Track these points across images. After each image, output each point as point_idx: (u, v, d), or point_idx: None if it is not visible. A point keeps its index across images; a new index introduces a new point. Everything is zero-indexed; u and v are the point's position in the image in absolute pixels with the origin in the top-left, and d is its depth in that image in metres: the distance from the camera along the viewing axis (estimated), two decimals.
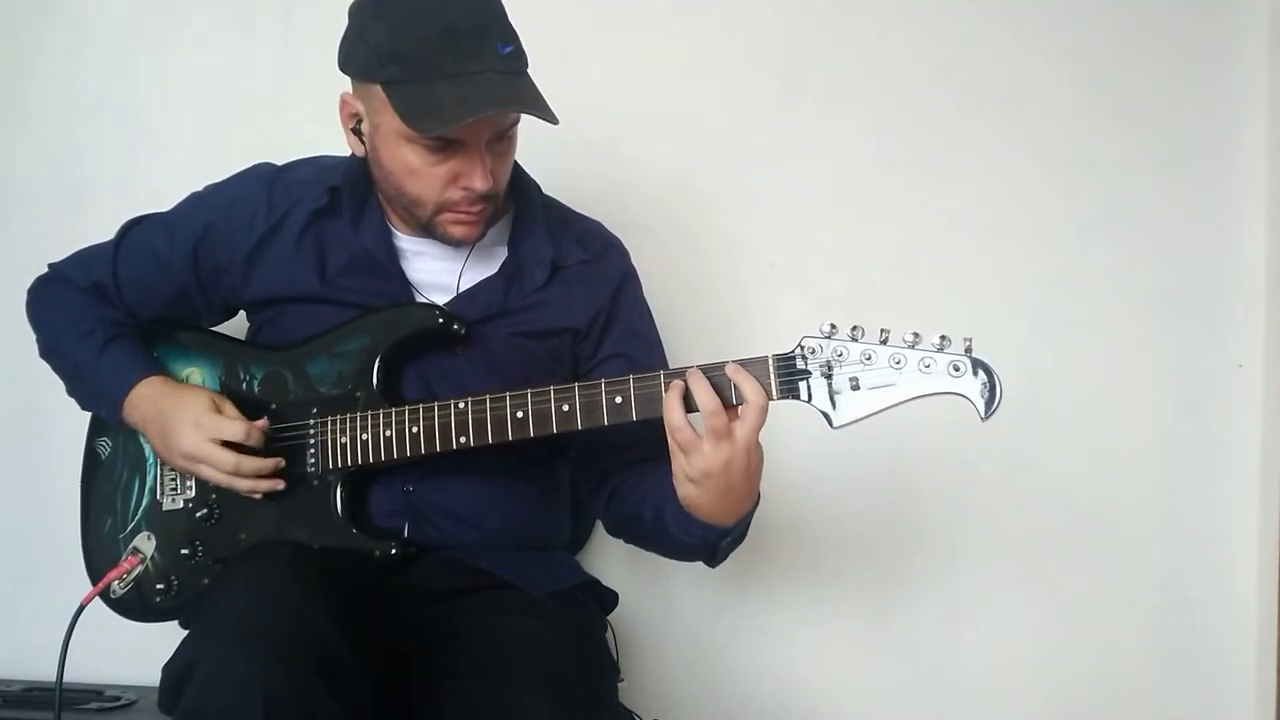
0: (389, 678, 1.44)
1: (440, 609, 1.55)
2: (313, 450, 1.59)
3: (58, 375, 1.73)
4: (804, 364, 1.38)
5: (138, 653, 1.67)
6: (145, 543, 1.64)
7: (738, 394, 1.38)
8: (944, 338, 1.35)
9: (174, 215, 1.71)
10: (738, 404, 1.38)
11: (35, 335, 1.74)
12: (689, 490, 1.41)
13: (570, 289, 1.65)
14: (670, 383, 1.41)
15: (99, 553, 1.70)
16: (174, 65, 2.16)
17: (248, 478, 1.57)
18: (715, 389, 1.38)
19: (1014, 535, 2.04)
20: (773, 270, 2.07)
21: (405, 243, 1.64)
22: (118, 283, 1.69)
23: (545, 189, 1.71)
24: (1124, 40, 2.04)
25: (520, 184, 1.67)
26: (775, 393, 1.39)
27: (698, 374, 1.40)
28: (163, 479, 1.67)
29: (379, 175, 1.57)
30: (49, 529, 1.97)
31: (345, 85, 1.57)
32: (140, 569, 1.63)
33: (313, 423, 1.59)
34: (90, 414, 1.74)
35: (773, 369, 1.39)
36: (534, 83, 1.49)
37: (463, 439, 1.51)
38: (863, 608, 2.06)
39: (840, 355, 1.37)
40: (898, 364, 1.35)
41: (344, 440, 1.57)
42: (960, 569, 2.05)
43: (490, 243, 1.64)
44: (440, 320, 1.58)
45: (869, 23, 2.07)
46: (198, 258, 1.67)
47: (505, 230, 1.66)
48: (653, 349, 1.71)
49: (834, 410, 1.37)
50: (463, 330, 1.59)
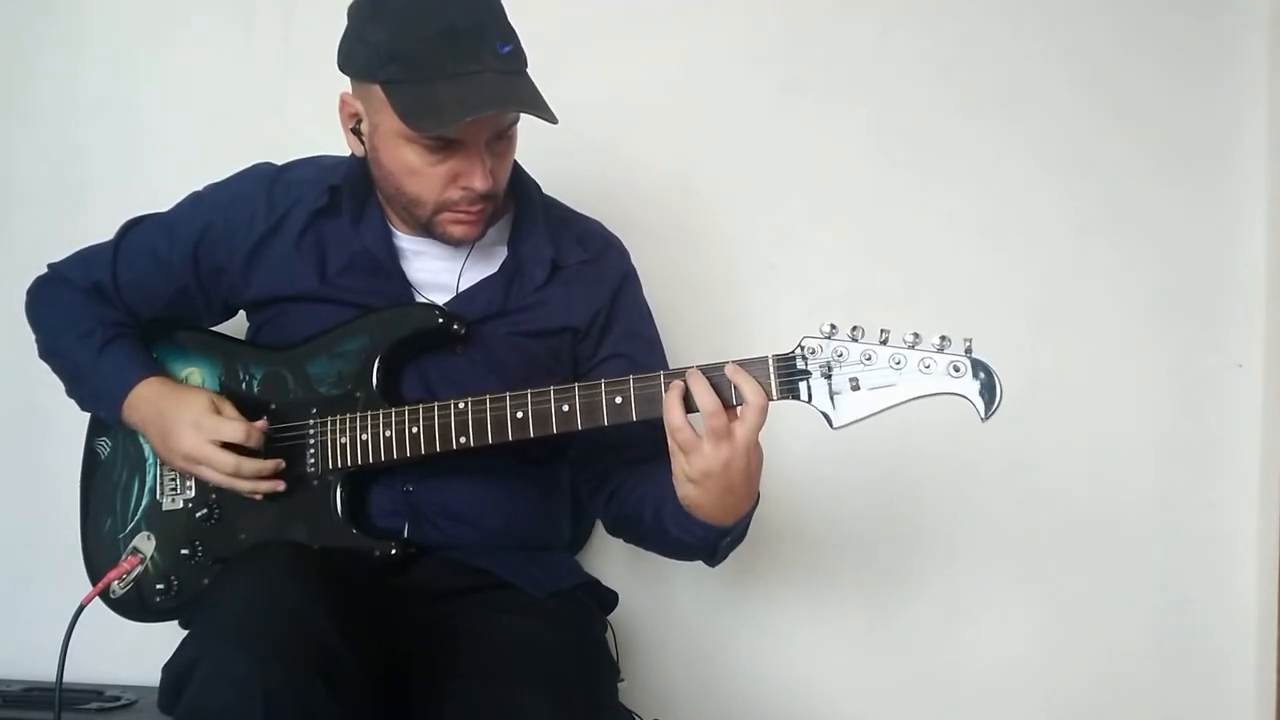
0: (389, 678, 1.44)
1: (440, 609, 1.55)
2: (312, 450, 1.59)
3: (57, 376, 1.73)
4: (804, 364, 1.38)
5: (138, 653, 1.67)
6: (145, 543, 1.64)
7: (737, 394, 1.38)
8: (944, 338, 1.35)
9: (174, 215, 1.71)
10: (737, 404, 1.38)
11: (35, 336, 1.74)
12: (689, 490, 1.41)
13: (570, 289, 1.65)
14: (670, 383, 1.41)
15: (99, 553, 1.70)
16: (174, 65, 2.16)
17: (248, 479, 1.56)
18: (715, 389, 1.38)
19: (1014, 535, 2.04)
20: (773, 270, 2.07)
21: (405, 242, 1.64)
22: (117, 283, 1.69)
23: (545, 189, 1.71)
24: (1124, 40, 2.04)
25: (520, 184, 1.67)
26: (775, 393, 1.39)
27: (697, 374, 1.40)
28: (162, 479, 1.67)
29: (378, 175, 1.57)
30: (49, 529, 1.97)
31: (345, 85, 1.56)
32: (140, 569, 1.63)
33: (312, 423, 1.59)
34: (90, 414, 1.74)
35: (773, 369, 1.39)
36: (533, 82, 1.49)
37: (463, 439, 1.51)
38: (863, 608, 2.06)
39: (840, 355, 1.37)
40: (898, 364, 1.35)
41: (344, 440, 1.57)
42: (960, 569, 2.05)
43: (490, 242, 1.64)
44: (440, 320, 1.58)
45: (869, 23, 2.07)
46: (198, 257, 1.67)
47: (505, 230, 1.66)
48: (653, 349, 1.71)
49: (834, 410, 1.37)
50: (462, 330, 1.59)
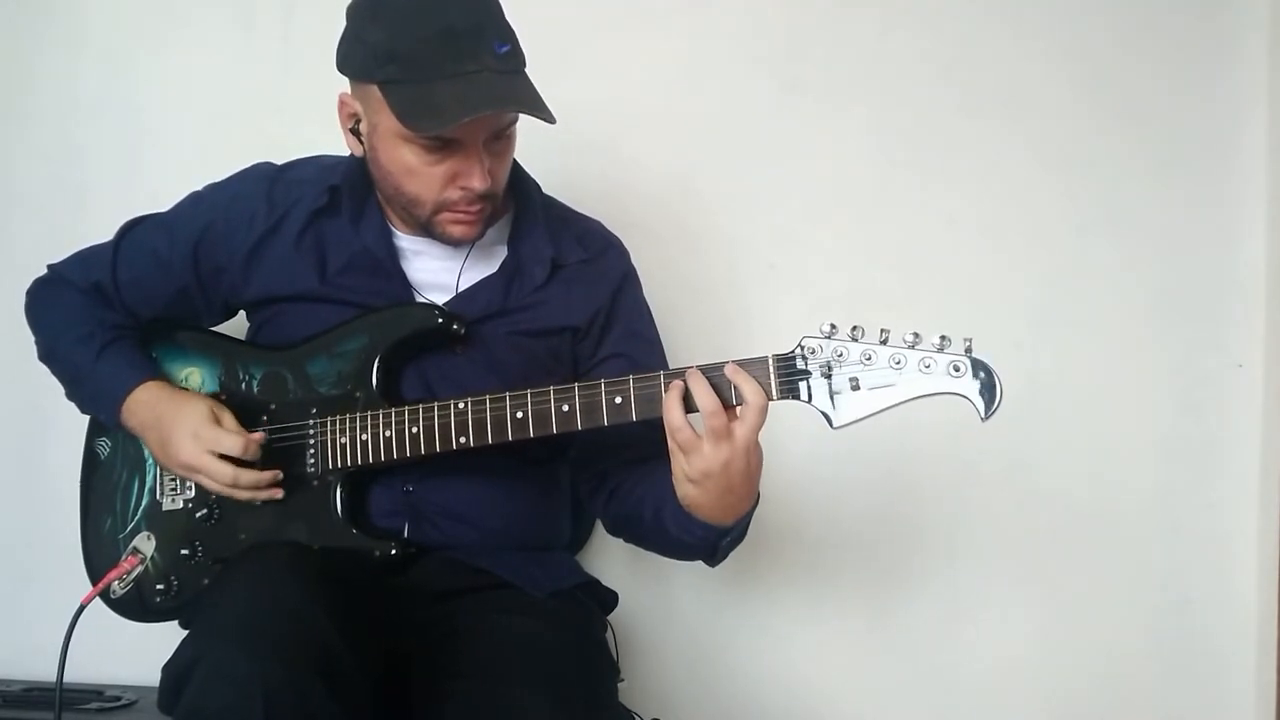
0: (389, 678, 1.44)
1: (440, 609, 1.55)
2: (312, 450, 1.59)
3: (57, 379, 1.72)
4: (804, 364, 1.38)
5: (138, 653, 1.66)
6: (145, 543, 1.64)
7: (737, 394, 1.38)
8: (944, 338, 1.35)
9: (174, 215, 1.71)
10: (737, 404, 1.38)
11: (34, 338, 1.74)
12: (689, 490, 1.41)
13: (570, 288, 1.65)
14: (670, 383, 1.40)
15: (99, 553, 1.70)
16: (174, 65, 2.16)
17: (245, 489, 1.57)
18: (715, 389, 1.38)
19: (1014, 535, 2.04)
20: (773, 270, 2.07)
21: (405, 242, 1.64)
22: (117, 283, 1.69)
23: (545, 189, 1.71)
24: (1124, 40, 2.04)
25: (520, 183, 1.67)
26: (775, 393, 1.39)
27: (697, 374, 1.39)
28: (162, 479, 1.67)
29: (378, 175, 1.57)
30: (49, 529, 1.97)
31: (345, 85, 1.56)
32: (140, 569, 1.63)
33: (312, 423, 1.59)
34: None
35: (772, 369, 1.39)
36: (531, 82, 1.49)
37: (462, 439, 1.50)
38: (863, 608, 2.06)
39: (840, 355, 1.37)
40: (898, 364, 1.35)
41: (344, 440, 1.57)
42: (960, 569, 2.05)
43: (490, 242, 1.64)
44: (440, 320, 1.58)
45: (869, 23, 2.07)
46: (198, 257, 1.67)
47: (505, 229, 1.66)
48: (652, 349, 1.71)
49: (834, 410, 1.37)
50: (462, 330, 1.59)
